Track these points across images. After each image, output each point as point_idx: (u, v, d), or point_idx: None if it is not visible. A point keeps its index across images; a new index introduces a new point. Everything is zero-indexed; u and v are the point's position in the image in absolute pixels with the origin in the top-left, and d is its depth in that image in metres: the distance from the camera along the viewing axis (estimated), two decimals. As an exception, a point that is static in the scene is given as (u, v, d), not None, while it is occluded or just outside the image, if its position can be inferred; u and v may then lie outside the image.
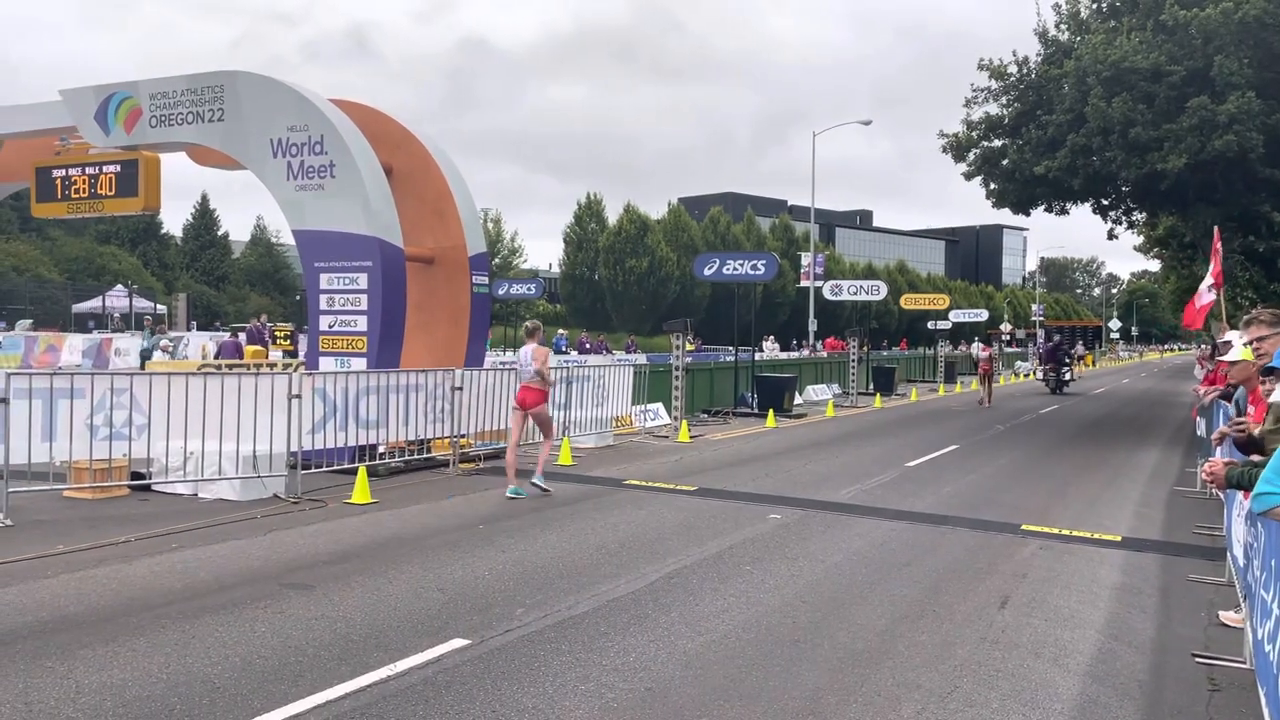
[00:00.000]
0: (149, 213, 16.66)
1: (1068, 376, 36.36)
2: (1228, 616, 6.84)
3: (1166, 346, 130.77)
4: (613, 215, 71.91)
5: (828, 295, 39.51)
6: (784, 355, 43.74)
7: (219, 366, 17.81)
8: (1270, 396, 5.61)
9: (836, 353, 38.75)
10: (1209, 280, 16.25)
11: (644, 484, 12.46)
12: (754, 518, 10.33)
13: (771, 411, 22.03)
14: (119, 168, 15.17)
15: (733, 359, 26.40)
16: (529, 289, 40.62)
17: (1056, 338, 43.72)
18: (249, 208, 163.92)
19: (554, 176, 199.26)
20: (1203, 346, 15.47)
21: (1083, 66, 20.42)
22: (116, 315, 40.99)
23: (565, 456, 14.44)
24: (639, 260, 67.41)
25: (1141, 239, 36.48)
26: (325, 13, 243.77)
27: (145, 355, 23.76)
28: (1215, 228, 16.45)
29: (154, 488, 10.97)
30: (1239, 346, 7.75)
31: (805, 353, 42.76)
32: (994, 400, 29.80)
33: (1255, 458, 4.93)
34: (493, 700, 5.09)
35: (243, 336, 25.51)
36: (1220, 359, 11.79)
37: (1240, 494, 5.58)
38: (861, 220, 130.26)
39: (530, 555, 8.40)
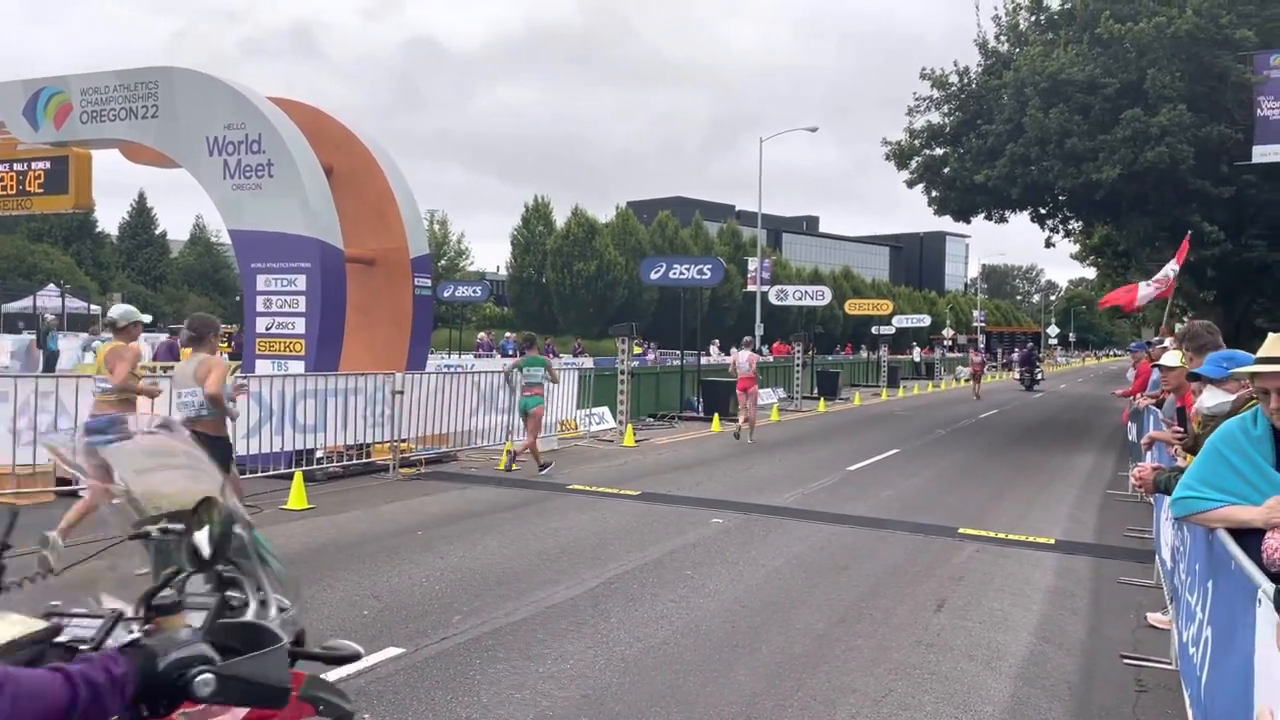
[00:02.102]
0: (80, 210, 16.25)
1: (1039, 376, 43.97)
2: (1155, 618, 6.98)
3: (1103, 352, 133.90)
4: (560, 218, 71.78)
5: (774, 300, 39.79)
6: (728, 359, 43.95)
7: (154, 369, 17.40)
8: (1197, 403, 5.75)
9: (781, 356, 39.02)
10: (1154, 283, 16.71)
11: (587, 488, 12.40)
12: (696, 522, 10.32)
13: (717, 416, 22.10)
14: (48, 164, 14.79)
15: (679, 362, 26.46)
16: (475, 291, 40.29)
17: (1030, 345, 52.81)
18: (188, 206, 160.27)
19: (502, 179, 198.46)
20: (1137, 352, 15.88)
21: (1021, 78, 20.85)
22: (49, 315, 39.83)
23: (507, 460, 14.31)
24: (587, 263, 67.31)
25: (1078, 247, 37.34)
26: (269, 10, 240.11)
27: (49, 356, 22.94)
28: (1189, 234, 17.39)
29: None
30: (1174, 354, 7.93)
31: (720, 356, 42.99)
32: (939, 402, 32.92)
33: (1181, 463, 5.02)
34: (426, 710, 5.00)
35: (179, 339, 24.94)
36: (1155, 364, 12.09)
37: (1167, 498, 5.69)
38: (808, 226, 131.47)
39: (469, 562, 8.30)
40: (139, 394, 8.15)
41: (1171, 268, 16.73)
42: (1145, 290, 17.72)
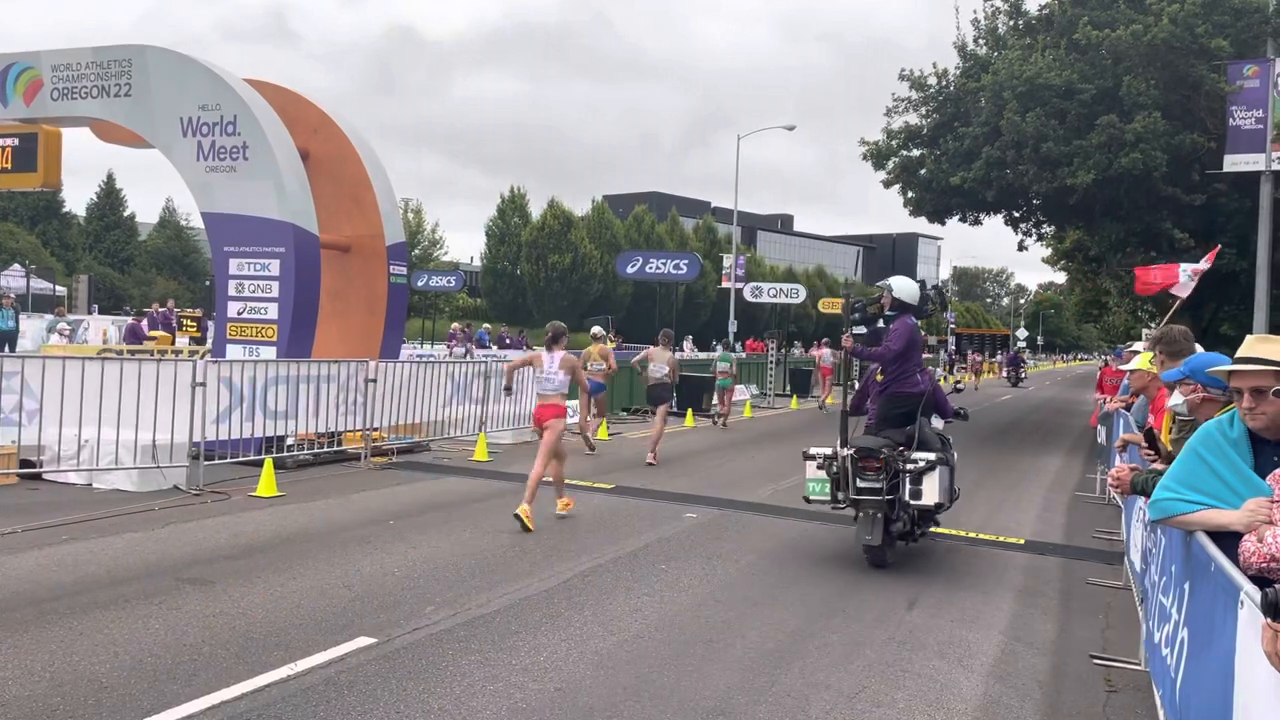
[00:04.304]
0: (48, 189, 15.94)
1: (1023, 375, 52.98)
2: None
3: (1070, 356, 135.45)
4: (536, 210, 71.55)
5: (748, 297, 39.86)
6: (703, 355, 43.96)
7: (120, 351, 17.17)
8: (1167, 403, 5.79)
9: (755, 354, 39.10)
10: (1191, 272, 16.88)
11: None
12: (670, 516, 10.31)
13: (690, 411, 22.10)
14: (17, 141, 14.48)
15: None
16: (449, 282, 40.13)
17: (1018, 347, 67.89)
18: (158, 188, 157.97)
19: (478, 169, 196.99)
20: (1106, 357, 16.04)
21: (999, 81, 20.96)
22: (12, 296, 39.10)
23: (481, 452, 14.24)
24: (562, 256, 67.16)
25: (1049, 251, 37.61)
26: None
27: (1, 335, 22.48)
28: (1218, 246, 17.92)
29: (45, 477, 10.47)
30: (1141, 356, 7.99)
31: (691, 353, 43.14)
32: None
33: (1159, 466, 5.06)
34: (397, 700, 4.95)
35: (145, 322, 24.60)
36: (1120, 367, 12.22)
37: (1141, 500, 5.73)
38: (783, 224, 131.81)
39: (442, 552, 8.24)
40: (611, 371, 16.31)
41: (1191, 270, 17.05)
42: (1184, 279, 17.66)
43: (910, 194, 24.84)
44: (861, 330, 9.08)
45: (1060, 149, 20.34)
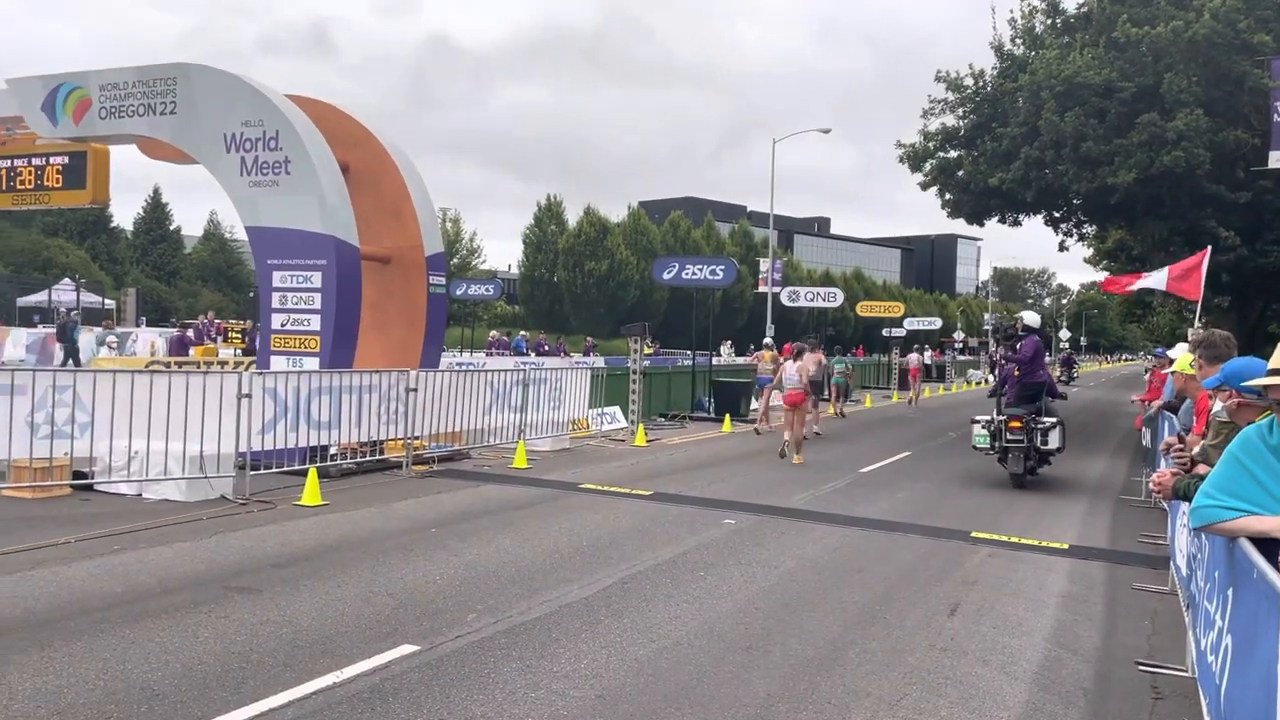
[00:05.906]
0: (97, 205, 16.34)
1: (1075, 375, 56.77)
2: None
3: (1115, 357, 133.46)
4: (573, 217, 71.83)
5: (785, 301, 39.77)
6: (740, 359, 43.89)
7: (167, 364, 17.51)
8: (1213, 410, 5.72)
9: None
10: (1163, 278, 16.83)
11: (599, 488, 12.41)
12: (709, 523, 10.33)
13: (728, 416, 22.08)
14: (66, 159, 14.88)
15: (690, 363, 26.45)
16: (487, 290, 40.41)
17: (1070, 351, 71.97)
18: (203, 202, 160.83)
19: (515, 177, 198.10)
20: (1161, 358, 15.89)
21: (1037, 81, 20.77)
22: (63, 309, 40.03)
23: (520, 459, 14.35)
24: (598, 263, 67.35)
25: (1091, 251, 37.16)
26: (283, 5, 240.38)
27: (69, 348, 22.99)
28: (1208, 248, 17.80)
29: (96, 488, 10.72)
30: (1180, 357, 7.90)
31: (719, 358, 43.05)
32: (950, 404, 32.61)
33: (1201, 470, 5.00)
34: (441, 708, 5.02)
35: (191, 333, 25.05)
36: (1169, 370, 12.07)
37: (1184, 505, 5.67)
38: (820, 227, 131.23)
39: (483, 559, 8.32)
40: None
41: (1160, 276, 17.05)
42: (1145, 282, 17.99)
43: (948, 195, 24.70)
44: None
45: (1100, 148, 20.11)
